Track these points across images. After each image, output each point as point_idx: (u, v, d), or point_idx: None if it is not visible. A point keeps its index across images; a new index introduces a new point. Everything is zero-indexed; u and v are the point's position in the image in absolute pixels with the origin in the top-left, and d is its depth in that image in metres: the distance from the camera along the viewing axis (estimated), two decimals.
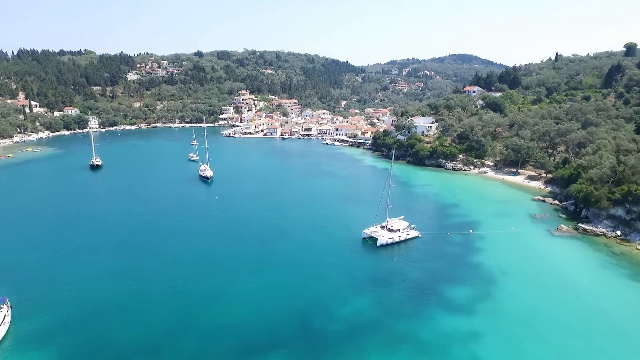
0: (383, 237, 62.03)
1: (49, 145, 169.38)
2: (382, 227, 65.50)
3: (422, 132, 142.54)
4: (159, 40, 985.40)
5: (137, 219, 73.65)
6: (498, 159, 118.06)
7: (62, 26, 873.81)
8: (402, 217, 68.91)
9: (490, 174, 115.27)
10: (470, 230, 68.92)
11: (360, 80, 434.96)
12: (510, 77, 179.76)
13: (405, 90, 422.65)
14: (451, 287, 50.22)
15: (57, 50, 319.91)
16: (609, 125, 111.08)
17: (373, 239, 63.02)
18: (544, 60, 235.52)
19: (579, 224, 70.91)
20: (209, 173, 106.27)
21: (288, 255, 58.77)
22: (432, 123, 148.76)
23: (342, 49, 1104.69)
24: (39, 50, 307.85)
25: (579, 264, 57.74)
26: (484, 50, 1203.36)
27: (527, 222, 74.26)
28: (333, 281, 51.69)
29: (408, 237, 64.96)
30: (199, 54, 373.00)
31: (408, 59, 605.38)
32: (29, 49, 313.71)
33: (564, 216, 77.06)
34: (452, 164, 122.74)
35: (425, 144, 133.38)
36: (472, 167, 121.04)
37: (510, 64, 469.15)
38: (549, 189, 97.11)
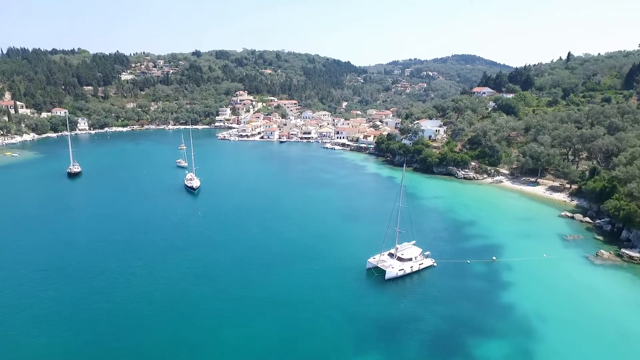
0: (392, 269, 51.54)
1: (32, 148, 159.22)
2: (391, 255, 55.04)
3: (430, 137, 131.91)
4: (159, 40, 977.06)
5: (101, 241, 63.14)
6: (514, 166, 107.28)
7: (62, 26, 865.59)
8: (413, 242, 58.44)
9: (506, 183, 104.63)
10: (494, 258, 58.36)
11: (362, 81, 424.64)
12: (523, 78, 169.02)
13: (408, 91, 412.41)
14: (480, 341, 39.74)
15: (49, 49, 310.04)
16: (637, 131, 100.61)
17: (380, 270, 52.52)
18: (554, 60, 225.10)
19: (622, 250, 60.27)
20: (195, 183, 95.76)
21: (277, 292, 48.28)
22: (440, 126, 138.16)
23: (343, 49, 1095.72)
24: (30, 49, 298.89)
25: (634, 304, 47.11)
26: (486, 50, 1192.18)
27: (558, 246, 63.67)
28: (331, 330, 41.27)
29: (421, 267, 54.47)
30: (197, 54, 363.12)
31: (410, 60, 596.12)
32: (19, 48, 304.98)
33: (600, 238, 66.42)
34: (463, 172, 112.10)
35: (434, 150, 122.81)
36: (485, 176, 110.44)
37: (514, 65, 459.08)
38: (575, 202, 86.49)
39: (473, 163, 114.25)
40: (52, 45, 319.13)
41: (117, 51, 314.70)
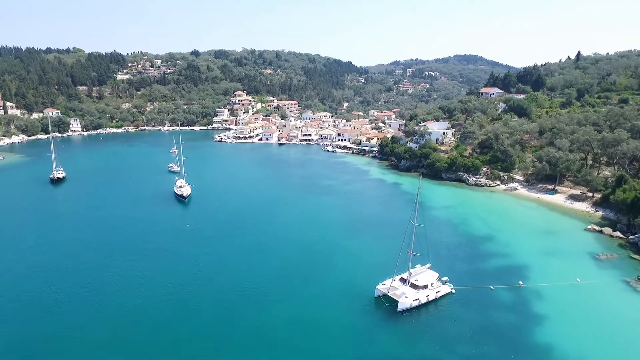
0: (406, 299, 44.09)
1: (19, 151, 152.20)
2: (403, 281, 47.59)
3: (437, 140, 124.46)
4: (159, 41, 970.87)
5: (73, 262, 55.79)
6: (530, 172, 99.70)
7: (62, 26, 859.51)
8: (428, 265, 51.02)
9: (522, 191, 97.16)
10: (520, 283, 50.88)
11: (363, 81, 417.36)
12: (533, 78, 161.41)
13: (410, 91, 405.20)
14: None
15: (43, 48, 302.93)
16: None
17: (390, 300, 45.05)
18: (562, 60, 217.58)
19: None
20: (186, 191, 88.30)
21: (266, 330, 40.79)
22: (448, 129, 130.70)
23: (344, 49, 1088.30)
24: (24, 48, 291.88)
25: None
26: (488, 51, 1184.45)
27: (591, 267, 56.20)
28: None
29: (438, 295, 47.00)
30: (195, 53, 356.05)
31: (411, 60, 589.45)
32: (12, 47, 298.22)
33: (637, 257, 58.89)
34: (474, 179, 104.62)
35: (442, 154, 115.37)
36: (498, 183, 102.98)
37: (517, 65, 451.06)
38: (600, 213, 78.97)
39: (484, 169, 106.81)
40: (51, 46, 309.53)
41: (114, 50, 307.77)
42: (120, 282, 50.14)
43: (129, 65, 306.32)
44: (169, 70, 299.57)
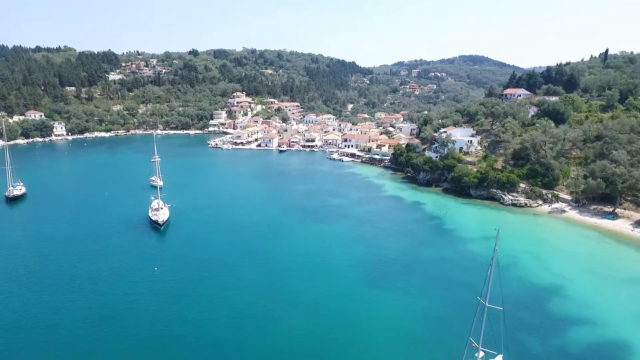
0: None
1: None
2: None
3: (461, 149, 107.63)
4: (159, 42, 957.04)
5: None
6: (581, 189, 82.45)
7: (63, 26, 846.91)
8: (499, 356, 34.08)
9: (572, 213, 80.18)
10: None
11: (368, 82, 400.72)
12: (565, 78, 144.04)
13: (417, 92, 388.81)
14: None
15: (32, 47, 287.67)
16: None
17: None
18: (584, 60, 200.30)
19: None
20: (162, 216, 71.34)
21: None
22: (473, 136, 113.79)
23: (347, 49, 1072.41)
24: (10, 46, 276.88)
25: None
26: (494, 51, 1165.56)
27: None
28: None
29: None
30: (194, 53, 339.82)
31: (416, 60, 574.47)
32: None
33: None
34: (511, 197, 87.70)
35: (469, 166, 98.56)
36: (540, 202, 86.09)
37: (524, 66, 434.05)
38: None
39: (522, 185, 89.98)
40: (50, 46, 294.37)
41: (110, 50, 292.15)
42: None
43: (123, 64, 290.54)
44: (164, 70, 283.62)
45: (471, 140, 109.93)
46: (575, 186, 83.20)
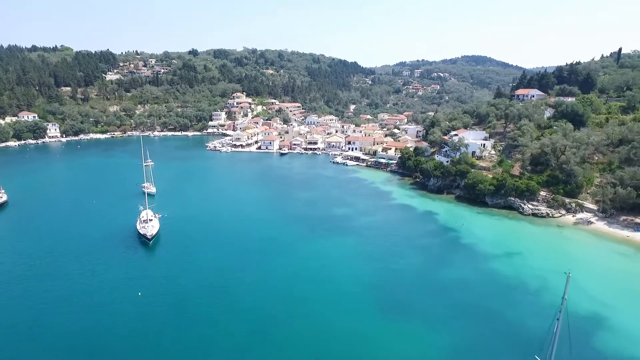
0: None
1: None
2: None
3: (474, 153, 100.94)
4: (159, 42, 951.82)
5: None
6: (610, 197, 75.39)
7: (62, 26, 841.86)
8: None
9: (599, 225, 73.40)
10: None
11: (370, 82, 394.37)
12: (580, 78, 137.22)
13: (420, 93, 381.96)
14: None
15: (29, 46, 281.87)
16: None
17: None
18: (595, 59, 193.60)
19: None
20: (150, 229, 64.73)
21: None
22: (485, 139, 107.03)
23: (349, 49, 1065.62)
24: (5, 46, 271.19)
25: None
26: (497, 51, 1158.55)
27: None
28: None
29: None
30: (193, 52, 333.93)
31: (418, 61, 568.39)
32: None
33: None
34: (531, 206, 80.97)
35: (483, 172, 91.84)
36: (563, 212, 79.34)
37: (527, 67, 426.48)
38: None
39: (543, 192, 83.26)
40: (48, 46, 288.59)
41: (108, 49, 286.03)
42: None
43: (121, 64, 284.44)
44: (162, 71, 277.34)
45: (484, 144, 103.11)
46: (603, 195, 76.34)
